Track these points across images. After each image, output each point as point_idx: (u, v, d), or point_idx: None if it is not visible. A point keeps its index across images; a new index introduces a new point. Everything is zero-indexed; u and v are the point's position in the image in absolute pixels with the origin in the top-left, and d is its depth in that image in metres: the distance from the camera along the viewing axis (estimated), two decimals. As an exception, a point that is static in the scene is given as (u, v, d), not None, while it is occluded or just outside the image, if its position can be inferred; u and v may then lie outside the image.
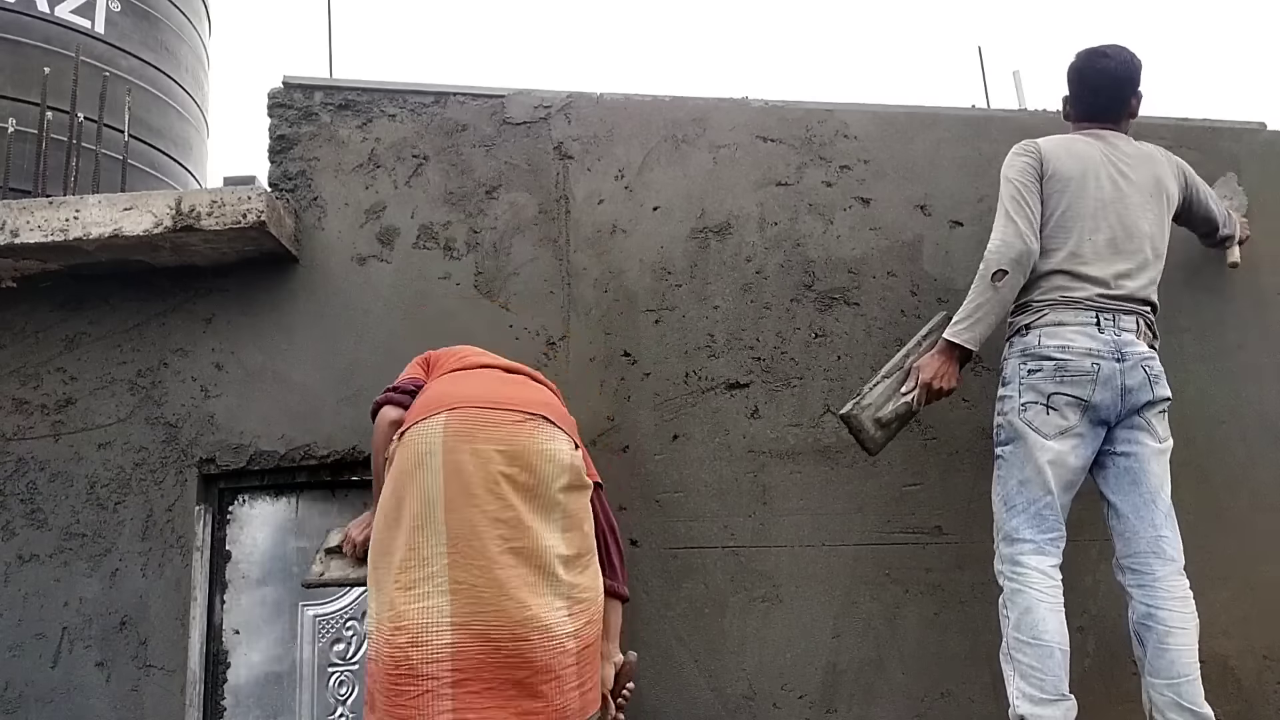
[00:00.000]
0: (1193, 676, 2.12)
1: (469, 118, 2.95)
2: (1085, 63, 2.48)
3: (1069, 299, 2.28)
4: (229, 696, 2.60)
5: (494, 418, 1.91)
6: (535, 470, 1.93)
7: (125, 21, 4.46)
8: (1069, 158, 2.39)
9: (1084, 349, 2.23)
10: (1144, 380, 2.25)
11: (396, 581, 1.85)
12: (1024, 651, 2.15)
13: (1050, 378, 2.24)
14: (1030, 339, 2.30)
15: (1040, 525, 2.23)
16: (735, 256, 2.90)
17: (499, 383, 2.09)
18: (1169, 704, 2.11)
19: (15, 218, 2.54)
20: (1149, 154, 2.47)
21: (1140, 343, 2.29)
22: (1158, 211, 2.40)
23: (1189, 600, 2.19)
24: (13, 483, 2.63)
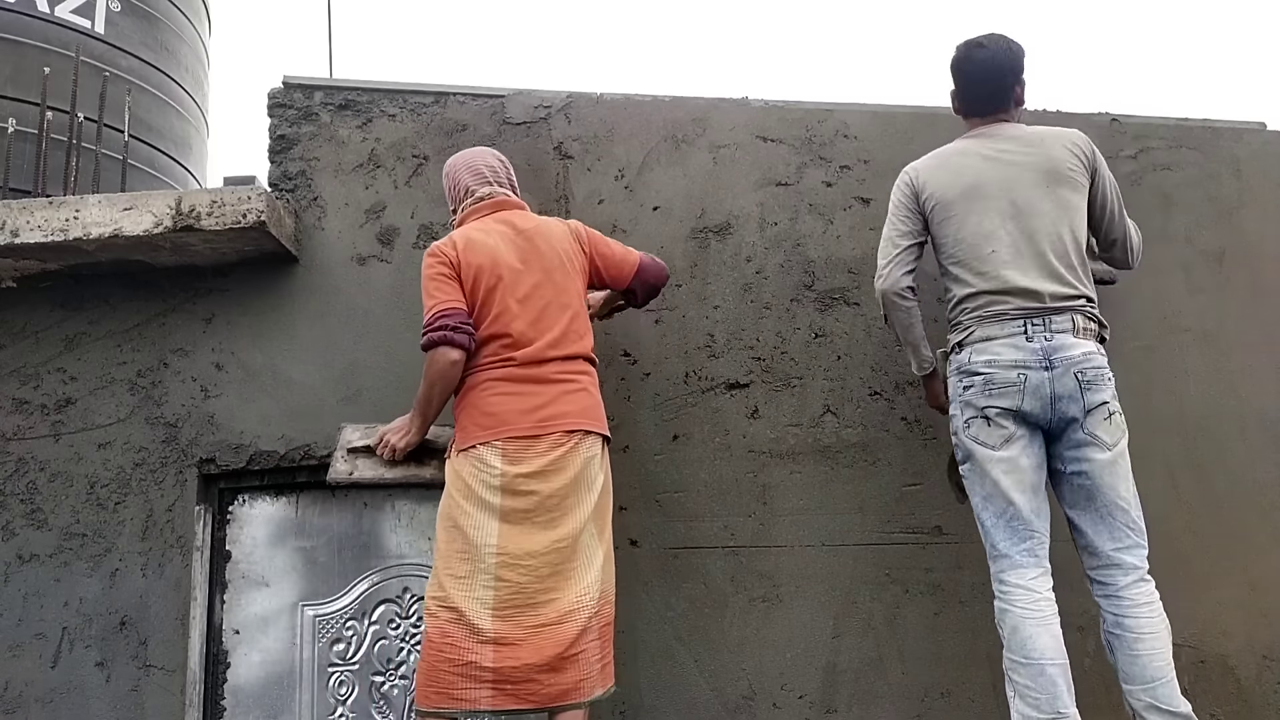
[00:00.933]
0: (1166, 679, 2.12)
1: (469, 118, 2.95)
2: (962, 55, 2.43)
3: (993, 312, 2.27)
4: (229, 696, 2.60)
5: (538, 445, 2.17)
6: (577, 483, 2.19)
7: (125, 21, 4.47)
8: (949, 174, 2.37)
9: (1010, 361, 2.22)
10: (1074, 388, 2.18)
11: (452, 572, 2.13)
12: (1018, 671, 2.15)
13: (981, 391, 2.24)
14: (963, 356, 2.31)
15: (1011, 536, 2.21)
16: (735, 256, 2.90)
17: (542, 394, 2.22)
18: (1146, 707, 2.12)
19: (15, 218, 2.54)
20: (1039, 137, 2.37)
21: (1080, 341, 2.22)
22: (1058, 196, 2.30)
23: (1154, 605, 2.18)
24: (13, 483, 2.63)
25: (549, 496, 2.16)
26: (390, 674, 2.66)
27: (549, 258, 2.31)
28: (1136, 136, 3.16)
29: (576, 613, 2.11)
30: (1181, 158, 3.14)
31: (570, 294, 2.32)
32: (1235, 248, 3.05)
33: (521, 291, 2.25)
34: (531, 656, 2.06)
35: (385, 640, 2.68)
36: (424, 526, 2.76)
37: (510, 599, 2.09)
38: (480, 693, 2.05)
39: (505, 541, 2.12)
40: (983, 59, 2.40)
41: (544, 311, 2.26)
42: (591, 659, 2.13)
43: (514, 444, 2.17)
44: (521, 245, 2.30)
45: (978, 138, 2.43)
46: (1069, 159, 2.33)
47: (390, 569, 2.72)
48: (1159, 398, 2.89)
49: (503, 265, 2.25)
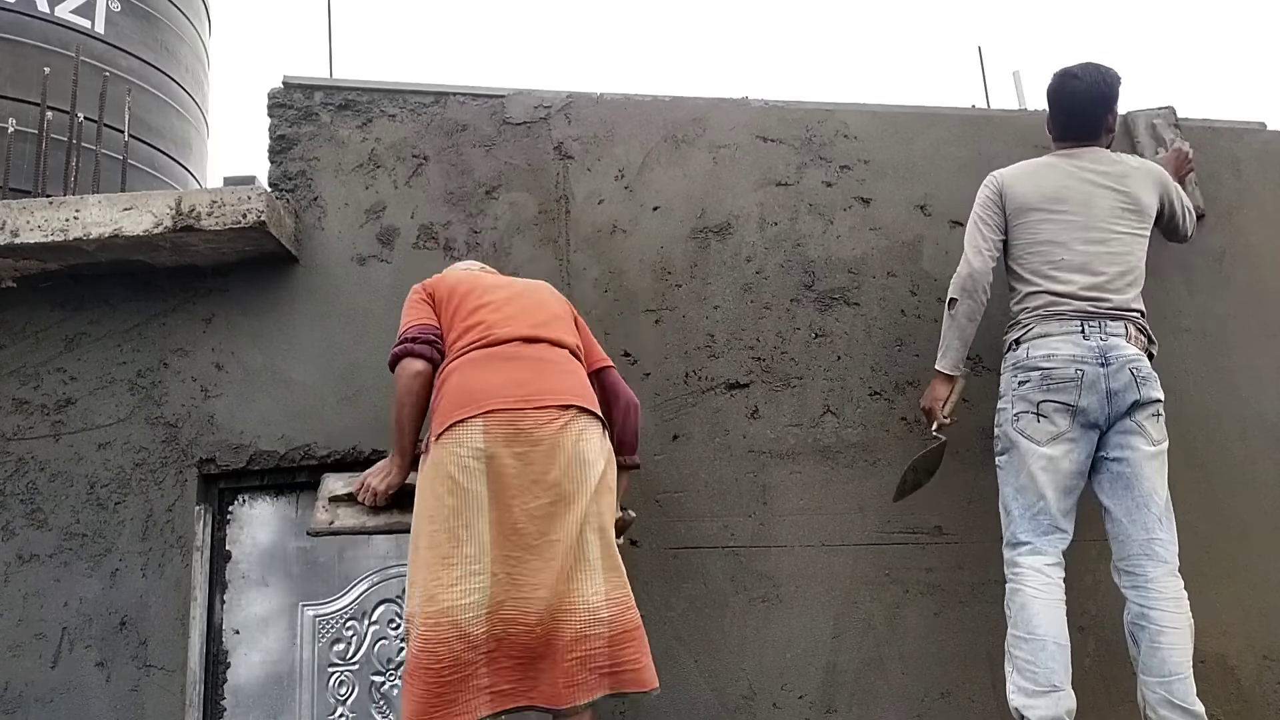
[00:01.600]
0: (1184, 675, 2.15)
1: (469, 118, 2.95)
2: (1057, 85, 2.54)
3: (1053, 312, 2.36)
4: (229, 696, 2.60)
5: (528, 419, 1.98)
6: (571, 466, 2.00)
7: (125, 21, 4.47)
8: (1033, 183, 2.48)
9: (1068, 356, 2.29)
10: (1130, 382, 2.27)
11: (439, 580, 1.94)
12: (1019, 646, 2.21)
13: (1038, 386, 2.31)
14: (1020, 353, 2.38)
15: (1037, 528, 2.29)
16: (735, 256, 2.90)
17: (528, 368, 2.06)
18: (1160, 701, 2.15)
19: (15, 218, 2.54)
20: (1125, 169, 2.50)
21: (1129, 346, 2.32)
22: (1130, 225, 2.44)
23: (1182, 601, 2.23)
24: (13, 483, 2.62)
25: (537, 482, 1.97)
26: (390, 674, 2.66)
27: (533, 286, 2.35)
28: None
29: (572, 614, 1.98)
30: (1181, 158, 3.14)
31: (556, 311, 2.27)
32: (1235, 248, 3.05)
33: (499, 296, 2.22)
34: (522, 654, 1.97)
35: (385, 640, 2.68)
36: (424, 526, 2.77)
37: (502, 595, 1.96)
38: (479, 700, 1.95)
39: (496, 534, 1.96)
40: (1075, 90, 2.51)
41: (524, 309, 2.20)
42: (597, 664, 1.99)
43: (497, 418, 1.97)
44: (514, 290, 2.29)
45: (1066, 156, 2.53)
46: (1145, 193, 2.48)
47: (390, 569, 2.72)
48: (1159, 398, 2.88)
49: (480, 282, 2.29)
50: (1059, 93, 2.54)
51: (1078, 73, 2.51)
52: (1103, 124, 2.54)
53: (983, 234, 2.49)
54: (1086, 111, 2.51)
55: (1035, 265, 2.43)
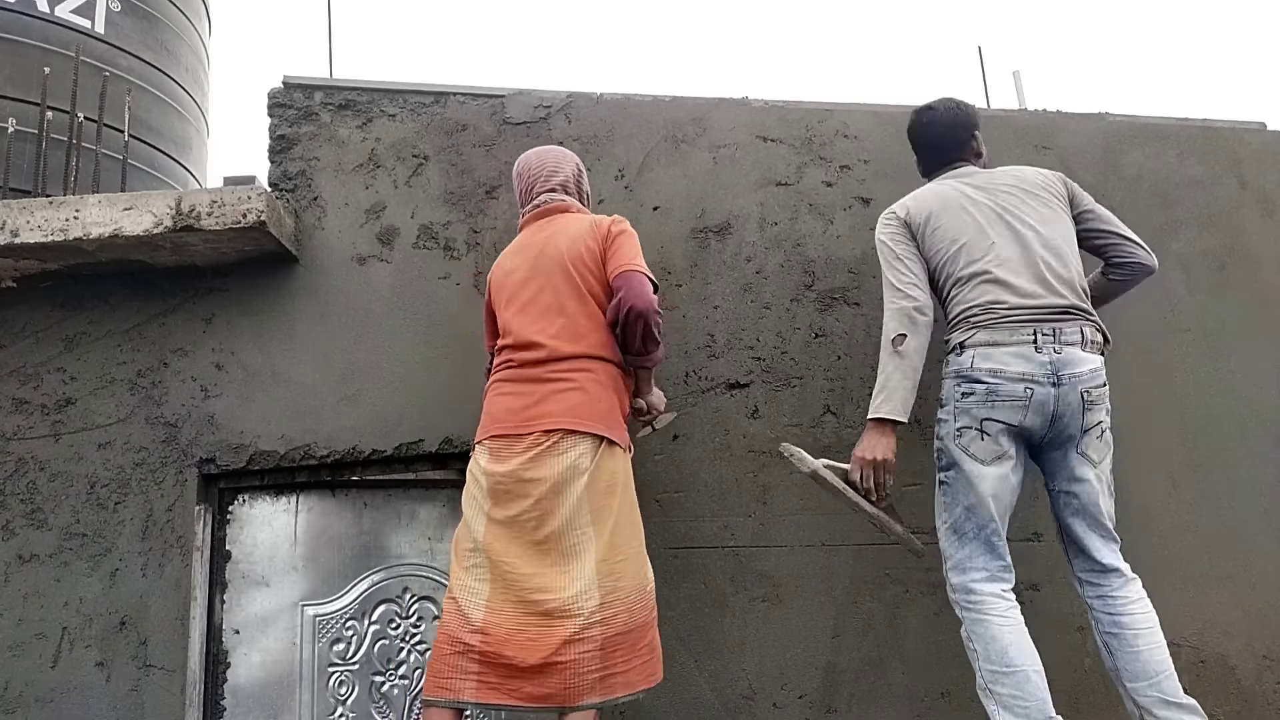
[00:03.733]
0: (1168, 671, 2.13)
1: (469, 118, 2.95)
2: (914, 121, 2.54)
3: (999, 310, 2.21)
4: (229, 696, 2.60)
5: (522, 442, 2.18)
6: (557, 485, 2.15)
7: (125, 21, 4.47)
8: (933, 199, 2.38)
9: (1017, 373, 2.15)
10: (1076, 408, 2.15)
11: (459, 562, 2.21)
12: (1000, 682, 2.10)
13: (982, 402, 2.17)
14: (964, 359, 2.22)
15: (990, 552, 2.20)
16: (735, 256, 2.90)
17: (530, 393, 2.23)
18: (1154, 702, 2.11)
19: (15, 218, 2.54)
20: (1010, 171, 2.43)
21: (1088, 355, 2.18)
22: (1045, 207, 2.32)
23: (1145, 601, 2.20)
24: (13, 483, 2.62)
25: (524, 496, 2.14)
26: (390, 674, 2.66)
27: (551, 262, 2.31)
28: (1136, 136, 3.16)
29: (566, 620, 2.06)
30: (1181, 158, 3.14)
31: (570, 294, 2.28)
32: (1235, 248, 3.05)
33: (522, 300, 2.31)
34: (516, 655, 2.06)
35: (385, 640, 2.68)
36: (424, 527, 2.77)
37: (501, 594, 2.12)
38: (466, 683, 2.07)
39: (490, 540, 2.16)
40: (933, 120, 2.51)
41: (542, 314, 2.27)
42: (584, 669, 2.06)
43: (498, 442, 2.21)
44: (531, 255, 2.36)
45: (952, 177, 2.46)
46: (1042, 179, 2.39)
47: (390, 569, 2.72)
48: (1159, 398, 2.89)
49: (510, 281, 2.36)
50: (917, 127, 2.53)
51: (933, 105, 2.52)
52: (968, 146, 2.48)
53: (905, 266, 2.32)
54: (952, 136, 2.48)
55: (965, 262, 2.27)
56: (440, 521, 2.78)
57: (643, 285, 2.22)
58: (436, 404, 2.71)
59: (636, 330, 2.21)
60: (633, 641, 2.13)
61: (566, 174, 2.51)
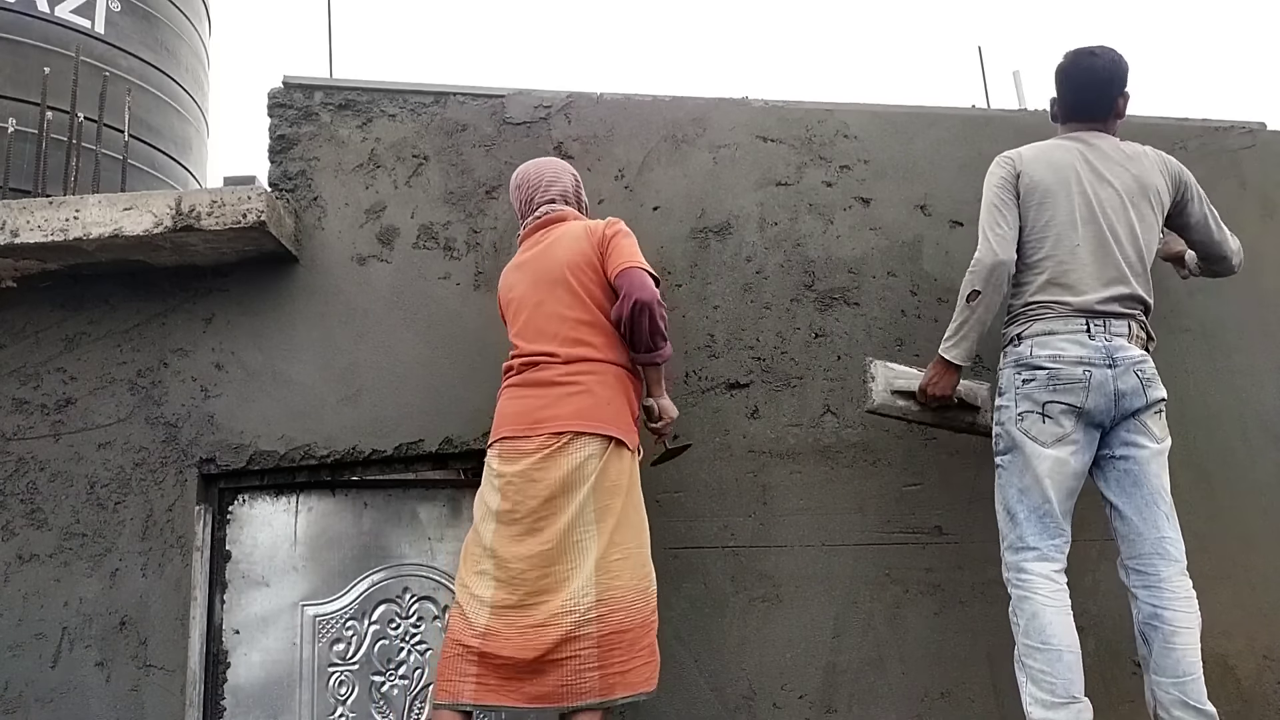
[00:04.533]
0: (1196, 675, 2.14)
1: (469, 118, 2.95)
2: (1072, 62, 2.47)
3: (1058, 308, 2.31)
4: (229, 696, 2.60)
5: (531, 444, 2.22)
6: (566, 485, 2.19)
7: (125, 21, 4.47)
8: (1047, 168, 2.39)
9: (1075, 357, 2.25)
10: (1137, 385, 2.25)
11: (466, 566, 2.25)
12: (1034, 657, 2.17)
13: (1044, 386, 2.26)
14: (1023, 349, 2.33)
15: (1043, 532, 2.24)
16: (735, 256, 2.90)
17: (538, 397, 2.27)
18: (1175, 702, 2.12)
19: (15, 218, 2.54)
20: (1135, 154, 2.44)
21: (1132, 346, 2.29)
22: (1140, 213, 2.37)
23: (1193, 600, 2.20)
24: (13, 483, 2.62)
25: (533, 498, 2.18)
26: (390, 674, 2.66)
27: (550, 272, 2.36)
28: (1136, 136, 3.16)
29: (563, 616, 2.10)
30: (1181, 158, 3.14)
31: (571, 302, 2.31)
32: (1235, 248, 3.05)
33: (526, 314, 2.36)
34: (514, 654, 2.10)
35: (385, 640, 2.68)
36: (424, 527, 2.77)
37: (504, 599, 2.15)
38: (465, 685, 2.11)
39: (497, 544, 2.19)
40: (1092, 67, 2.45)
41: (545, 324, 2.32)
42: (583, 666, 2.08)
43: (508, 444, 2.25)
44: (531, 268, 2.40)
45: (1077, 140, 2.46)
46: (1157, 178, 2.42)
47: (390, 569, 2.72)
48: (1159, 398, 2.88)
49: (513, 295, 2.42)
50: (1074, 68, 2.45)
51: (1095, 50, 2.44)
52: (1114, 106, 2.46)
53: (1004, 218, 2.37)
54: (1102, 90, 2.44)
55: (1043, 255, 2.35)
56: (440, 521, 2.78)
57: (644, 279, 2.25)
58: (436, 404, 2.71)
59: (643, 324, 2.24)
60: (631, 641, 2.14)
61: (565, 184, 2.53)
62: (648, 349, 2.31)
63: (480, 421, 2.69)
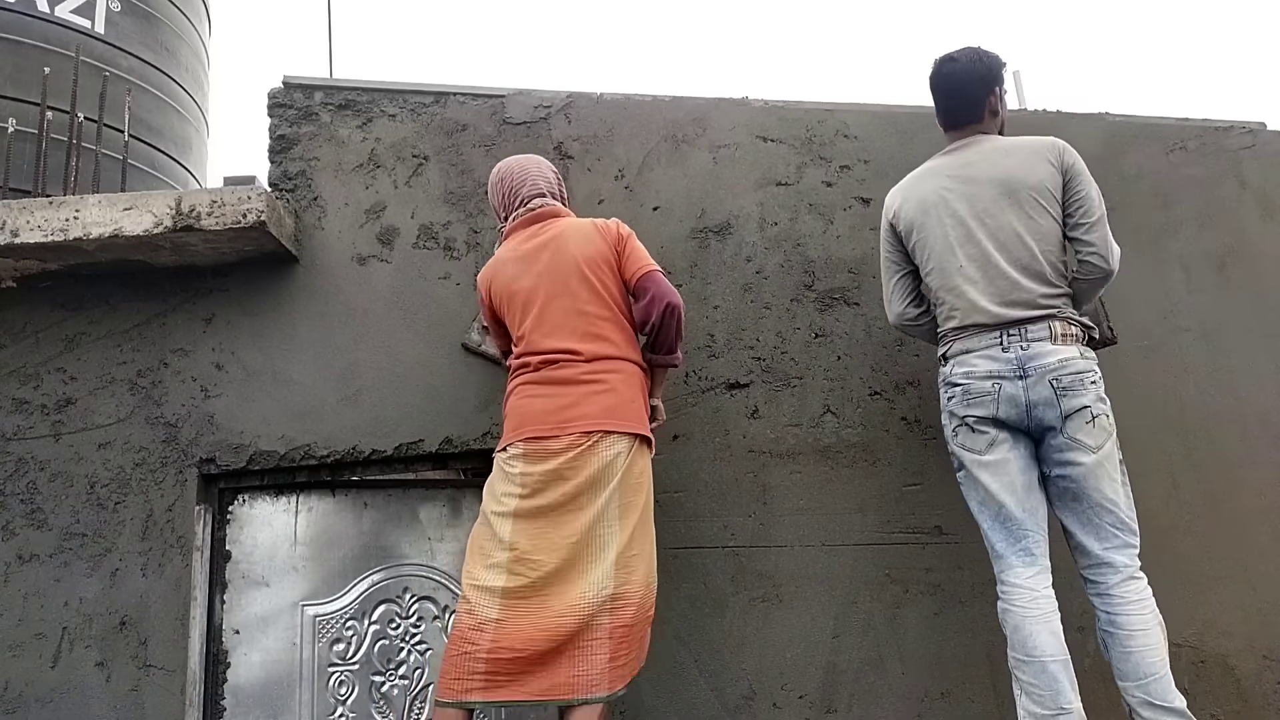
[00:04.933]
0: (1159, 674, 2.15)
1: (469, 118, 2.95)
2: (934, 71, 2.49)
3: (971, 328, 2.33)
4: (229, 696, 2.60)
5: (559, 443, 2.21)
6: (594, 481, 2.20)
7: (125, 21, 4.47)
8: (915, 205, 2.44)
9: (984, 372, 2.28)
10: (1050, 395, 2.21)
11: (473, 562, 2.22)
12: (1022, 669, 2.20)
13: (961, 402, 2.32)
14: (946, 369, 2.39)
15: (1008, 537, 2.27)
16: (735, 256, 2.90)
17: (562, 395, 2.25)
18: (1140, 703, 2.15)
19: (15, 218, 2.54)
20: (1012, 148, 2.37)
21: (1058, 348, 2.23)
22: (1021, 208, 2.30)
23: (1145, 602, 2.20)
24: (13, 483, 2.62)
25: (563, 494, 2.18)
26: (390, 674, 2.66)
27: (565, 267, 2.32)
28: (1136, 136, 3.16)
29: (578, 608, 2.12)
30: (1181, 158, 3.14)
31: (589, 299, 2.30)
32: (1235, 248, 3.06)
33: (538, 308, 2.32)
34: (526, 645, 2.10)
35: (385, 640, 2.68)
36: (424, 527, 2.77)
37: (518, 591, 2.13)
38: (473, 683, 2.10)
39: (518, 538, 2.17)
40: (951, 72, 2.46)
41: (563, 321, 2.29)
42: (594, 657, 2.11)
43: (534, 444, 2.22)
44: (538, 259, 2.35)
45: (949, 154, 2.48)
46: (1036, 168, 2.32)
47: (390, 569, 2.72)
48: (1159, 398, 2.89)
49: (518, 290, 2.35)
50: (937, 77, 2.48)
51: (954, 55, 2.46)
52: (984, 105, 2.44)
53: (886, 279, 2.55)
54: (964, 91, 2.44)
55: (939, 282, 2.40)
56: (440, 522, 2.78)
57: (669, 284, 2.34)
58: (436, 404, 2.71)
59: (671, 326, 2.31)
60: (638, 636, 2.20)
61: (551, 179, 2.52)
62: (669, 350, 2.36)
63: (480, 421, 2.69)
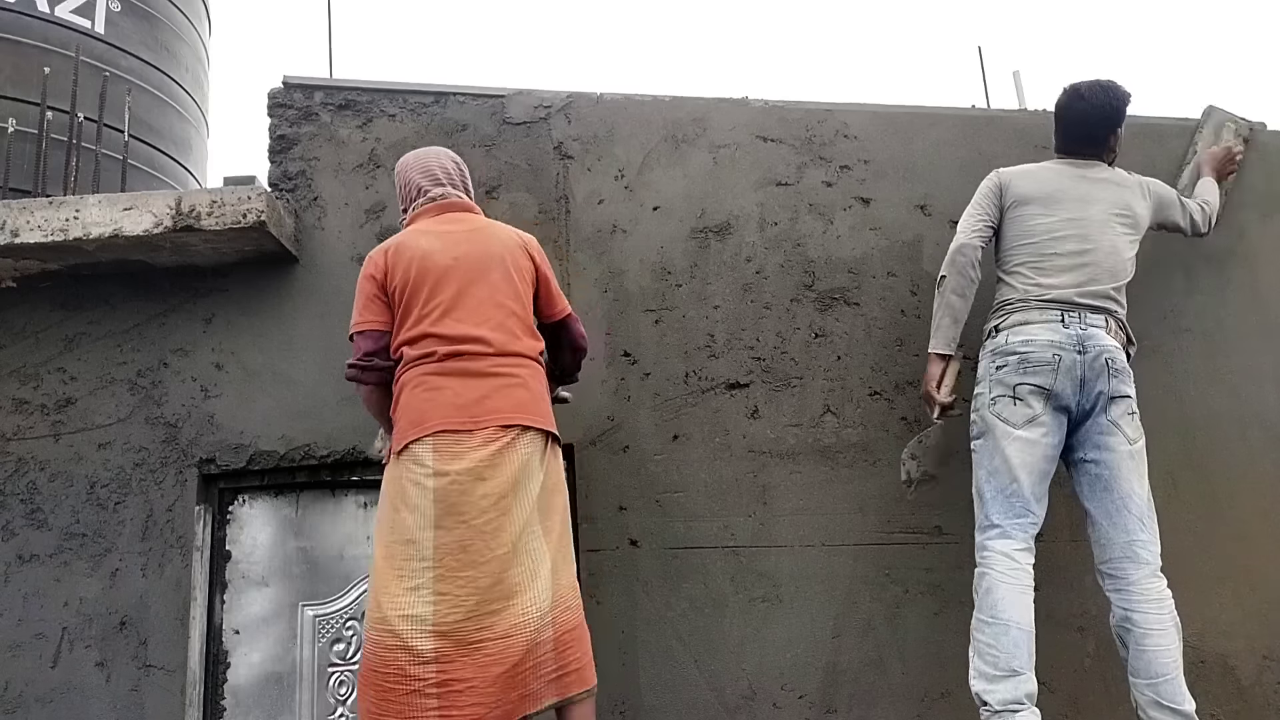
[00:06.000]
0: (1171, 676, 2.17)
1: (469, 118, 2.95)
2: (1064, 103, 2.61)
3: (1034, 302, 2.40)
4: (229, 696, 2.60)
5: (474, 439, 2.05)
6: (514, 483, 2.06)
7: (125, 21, 4.47)
8: (1032, 181, 2.53)
9: (1046, 341, 2.33)
10: (1103, 371, 2.31)
11: (388, 590, 2.00)
12: (982, 631, 2.22)
13: (1015, 370, 2.34)
14: (1000, 339, 2.42)
15: (1008, 510, 2.30)
16: (735, 256, 2.90)
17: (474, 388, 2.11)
18: (1149, 702, 2.17)
19: (15, 218, 2.54)
20: (1121, 180, 2.57)
21: (1108, 338, 2.36)
22: (1120, 231, 2.48)
23: (1165, 602, 2.23)
24: (13, 483, 2.63)
25: (483, 496, 2.02)
26: (390, 674, 2.66)
27: (488, 258, 2.22)
28: (1137, 136, 3.16)
29: (523, 626, 1.99)
30: (1182, 158, 3.14)
31: (508, 294, 2.20)
32: (1235, 248, 3.05)
33: (452, 290, 2.16)
34: (475, 676, 1.93)
35: (385, 640, 2.68)
36: (424, 526, 2.77)
37: (449, 614, 1.96)
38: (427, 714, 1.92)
39: (442, 552, 1.99)
40: (1081, 110, 2.58)
41: (478, 308, 2.16)
42: (544, 671, 2.01)
43: (446, 438, 2.05)
44: (458, 243, 2.22)
45: (1069, 164, 2.58)
46: (1136, 202, 2.54)
47: (390, 569, 2.72)
48: (1159, 398, 2.88)
49: (432, 265, 2.18)
50: (1067, 110, 2.60)
51: (1084, 93, 2.56)
52: (1105, 144, 2.60)
53: (976, 212, 2.55)
54: (1092, 133, 2.58)
55: (1024, 258, 2.46)
56: (440, 521, 2.78)
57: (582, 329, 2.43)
58: (436, 404, 2.71)
59: (578, 363, 2.45)
60: (580, 637, 2.10)
61: (463, 173, 2.45)
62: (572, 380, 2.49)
63: (480, 421, 2.69)
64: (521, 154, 2.92)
